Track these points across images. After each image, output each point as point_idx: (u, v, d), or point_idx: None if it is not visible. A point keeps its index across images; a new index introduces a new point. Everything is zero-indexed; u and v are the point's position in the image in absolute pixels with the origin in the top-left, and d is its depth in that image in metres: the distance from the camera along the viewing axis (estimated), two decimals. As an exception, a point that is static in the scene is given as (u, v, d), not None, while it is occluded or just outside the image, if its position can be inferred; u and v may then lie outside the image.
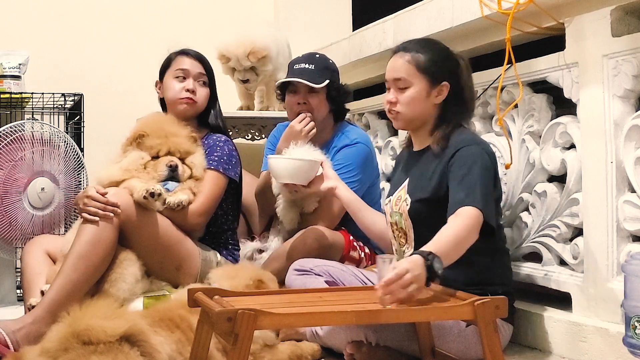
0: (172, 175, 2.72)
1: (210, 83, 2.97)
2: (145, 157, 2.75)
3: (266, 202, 3.04)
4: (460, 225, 2.10)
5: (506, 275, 2.37)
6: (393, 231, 2.44)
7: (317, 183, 2.65)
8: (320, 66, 3.00)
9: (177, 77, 2.90)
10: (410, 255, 2.09)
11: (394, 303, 1.87)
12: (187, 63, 2.92)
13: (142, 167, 2.73)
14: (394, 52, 2.40)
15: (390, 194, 2.48)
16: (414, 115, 2.35)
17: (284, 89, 3.06)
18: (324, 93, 2.99)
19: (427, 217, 2.28)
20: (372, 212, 2.67)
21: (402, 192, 2.39)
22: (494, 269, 2.30)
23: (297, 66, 3.00)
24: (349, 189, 2.70)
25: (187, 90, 2.87)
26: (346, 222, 2.95)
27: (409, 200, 2.34)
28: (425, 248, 2.01)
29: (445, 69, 2.34)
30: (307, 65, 2.99)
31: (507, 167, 2.57)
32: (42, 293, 2.50)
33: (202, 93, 2.92)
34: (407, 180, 2.40)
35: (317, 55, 3.06)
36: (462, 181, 2.19)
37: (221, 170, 2.82)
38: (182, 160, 2.77)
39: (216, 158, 2.83)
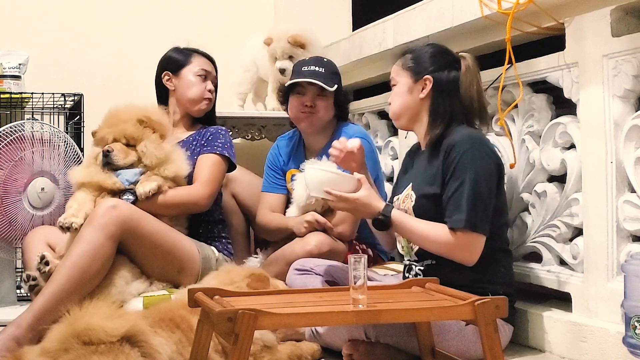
0: (107, 160, 2.69)
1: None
2: (97, 150, 2.77)
3: (267, 236, 3.08)
4: (435, 235, 2.26)
5: (508, 275, 2.38)
6: None
7: None
8: (330, 70, 3.00)
9: (200, 76, 2.99)
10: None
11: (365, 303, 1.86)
12: (207, 64, 3.03)
13: (95, 161, 2.75)
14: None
15: (399, 192, 2.50)
16: (400, 111, 2.44)
17: (288, 90, 3.03)
18: (332, 97, 2.98)
19: (432, 213, 2.30)
20: None
21: (409, 189, 2.42)
22: (496, 270, 2.31)
23: (305, 68, 2.97)
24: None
25: (209, 91, 3.00)
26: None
27: (413, 197, 2.37)
28: (395, 211, 2.31)
29: (428, 64, 2.40)
30: (317, 68, 2.96)
31: (511, 166, 2.57)
32: (43, 257, 2.53)
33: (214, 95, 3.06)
34: (413, 178, 2.44)
35: (325, 60, 3.05)
36: (453, 195, 2.25)
37: (226, 154, 2.90)
38: (134, 146, 2.74)
39: (220, 144, 2.91)
